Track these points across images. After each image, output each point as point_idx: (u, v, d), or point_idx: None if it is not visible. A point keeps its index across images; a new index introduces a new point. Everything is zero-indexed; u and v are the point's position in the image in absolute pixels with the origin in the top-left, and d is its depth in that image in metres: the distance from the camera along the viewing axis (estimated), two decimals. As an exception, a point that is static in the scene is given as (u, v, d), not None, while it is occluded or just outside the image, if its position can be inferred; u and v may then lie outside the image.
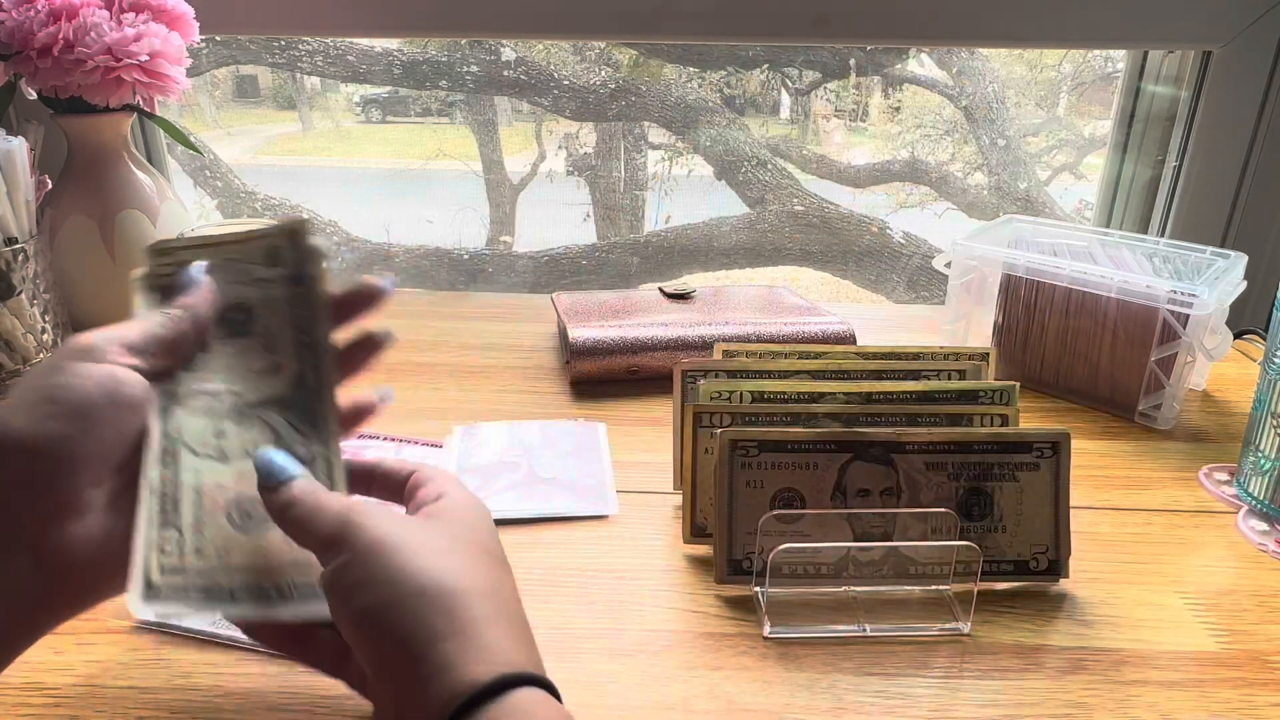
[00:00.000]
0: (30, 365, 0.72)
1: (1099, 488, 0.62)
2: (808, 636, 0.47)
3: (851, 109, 1.73)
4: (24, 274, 0.70)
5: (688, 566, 0.52)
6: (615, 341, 0.75)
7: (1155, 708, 0.43)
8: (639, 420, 0.70)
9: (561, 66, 1.54)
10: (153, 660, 0.44)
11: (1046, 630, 0.48)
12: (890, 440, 0.49)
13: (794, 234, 1.59)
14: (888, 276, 1.58)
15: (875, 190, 1.68)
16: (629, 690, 0.43)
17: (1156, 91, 1.00)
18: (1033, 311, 0.76)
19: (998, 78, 1.56)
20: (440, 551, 0.32)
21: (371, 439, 0.63)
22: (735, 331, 0.76)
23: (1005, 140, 1.56)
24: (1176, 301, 0.66)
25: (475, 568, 0.33)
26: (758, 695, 0.43)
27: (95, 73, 0.70)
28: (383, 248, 1.63)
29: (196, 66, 1.38)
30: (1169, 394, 0.69)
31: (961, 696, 0.43)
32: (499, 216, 1.72)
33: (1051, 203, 1.57)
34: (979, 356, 0.58)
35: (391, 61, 1.54)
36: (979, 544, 0.49)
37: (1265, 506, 0.58)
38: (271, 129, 1.87)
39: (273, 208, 1.63)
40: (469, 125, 1.69)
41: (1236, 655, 0.46)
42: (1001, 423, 0.52)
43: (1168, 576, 0.53)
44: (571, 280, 1.59)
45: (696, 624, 0.48)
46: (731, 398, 0.53)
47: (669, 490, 0.60)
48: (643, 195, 1.67)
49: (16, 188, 0.68)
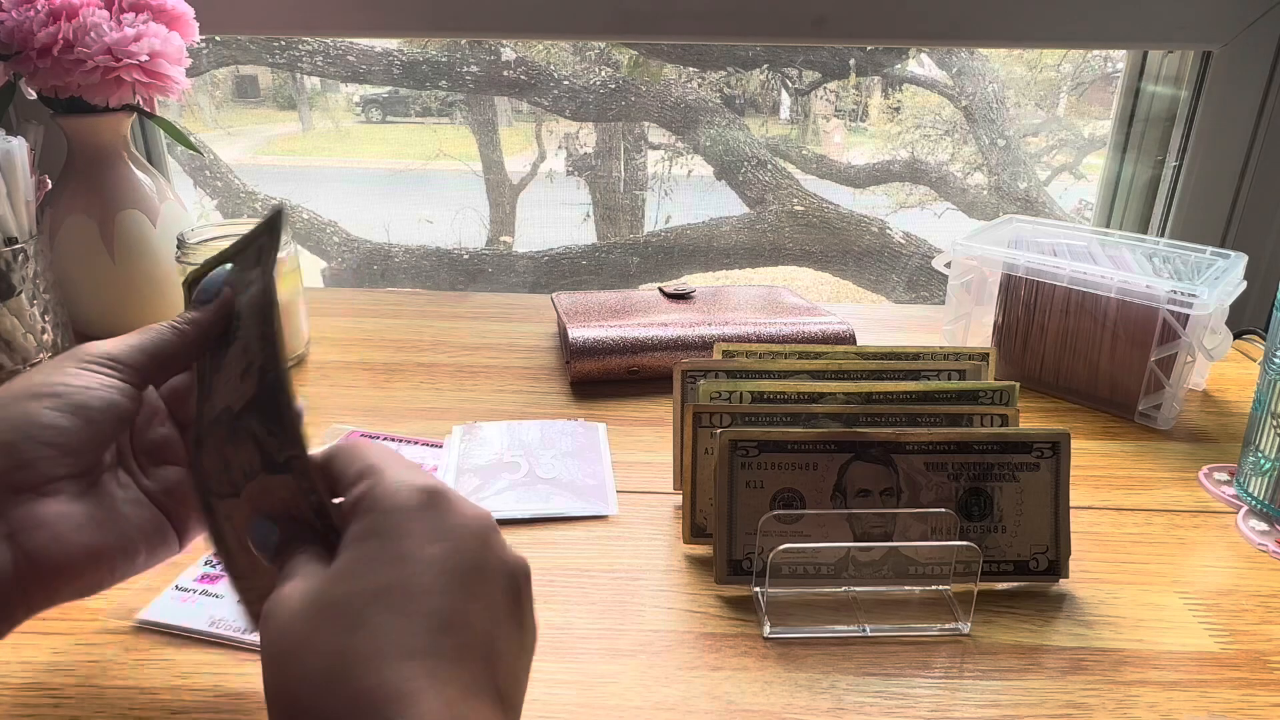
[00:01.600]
0: (30, 365, 0.72)
1: (1099, 488, 0.62)
2: (808, 636, 0.47)
3: (851, 109, 1.73)
4: (24, 274, 0.70)
5: (688, 566, 0.52)
6: (615, 341, 0.75)
7: (1155, 708, 0.43)
8: (639, 420, 0.70)
9: (561, 66, 1.54)
10: (153, 660, 0.44)
11: (1046, 630, 0.48)
12: (890, 440, 0.49)
13: (794, 234, 1.59)
14: (888, 276, 1.58)
15: (875, 190, 1.69)
16: (629, 690, 0.43)
17: (1156, 91, 1.00)
18: (1033, 311, 0.76)
19: (998, 78, 1.56)
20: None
21: (371, 439, 0.63)
22: (735, 331, 0.76)
23: (1005, 140, 1.56)
24: (1176, 301, 0.66)
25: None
26: (758, 695, 0.43)
27: (95, 73, 0.70)
28: (383, 247, 1.63)
29: (196, 66, 1.38)
30: (1169, 394, 0.69)
31: (961, 696, 0.43)
32: (499, 216, 1.72)
33: (1051, 203, 1.57)
34: (979, 356, 0.58)
35: (391, 61, 1.54)
36: (979, 544, 0.49)
37: (1265, 506, 0.58)
38: (271, 129, 1.87)
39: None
40: (469, 125, 1.69)
41: (1236, 655, 0.46)
42: (1001, 423, 0.52)
43: (1168, 576, 0.53)
44: (571, 280, 1.59)
45: (696, 624, 0.48)
46: (731, 398, 0.53)
47: (669, 490, 0.60)
48: (643, 195, 1.67)
49: (16, 188, 0.68)
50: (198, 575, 0.50)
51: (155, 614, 0.46)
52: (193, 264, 0.71)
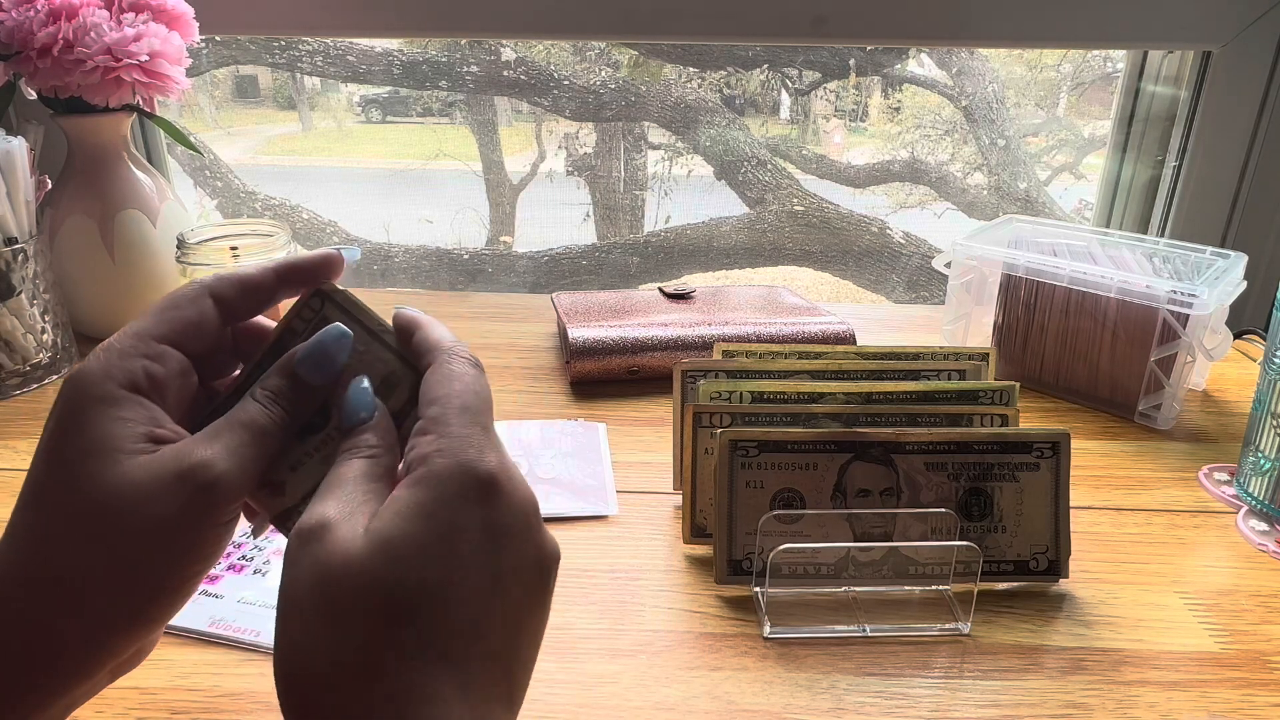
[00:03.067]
0: (30, 365, 0.72)
1: (1099, 488, 0.62)
2: (808, 636, 0.47)
3: (851, 109, 1.73)
4: (24, 274, 0.70)
5: (688, 566, 0.52)
6: (615, 341, 0.75)
7: (1155, 708, 0.43)
8: (639, 420, 0.70)
9: (561, 66, 1.54)
10: (153, 660, 0.44)
11: (1046, 630, 0.48)
12: (890, 440, 0.49)
13: (794, 234, 1.59)
14: (888, 276, 1.58)
15: (875, 190, 1.68)
16: (629, 691, 0.43)
17: (1156, 91, 1.00)
18: (1033, 311, 0.76)
19: (998, 78, 1.56)
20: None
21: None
22: (735, 331, 0.76)
23: (1005, 140, 1.56)
24: (1176, 301, 0.66)
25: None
26: (758, 695, 0.43)
27: (95, 73, 0.70)
28: (383, 247, 1.63)
29: (196, 66, 1.38)
30: (1169, 394, 0.69)
31: (961, 696, 0.43)
32: (499, 216, 1.72)
33: (1051, 203, 1.57)
34: (979, 356, 0.58)
35: (391, 61, 1.54)
36: (979, 544, 0.49)
37: (1265, 506, 0.58)
38: (271, 129, 1.87)
39: (273, 208, 1.63)
40: (469, 125, 1.69)
41: (1236, 655, 0.46)
42: (1001, 423, 0.52)
43: (1168, 576, 0.53)
44: (571, 280, 1.59)
45: (696, 624, 0.48)
46: (731, 398, 0.53)
47: (669, 490, 0.60)
48: (643, 195, 1.67)
49: (16, 188, 0.68)
50: (198, 575, 0.50)
51: (155, 614, 0.46)
52: (193, 263, 0.71)
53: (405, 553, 0.27)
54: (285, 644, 0.27)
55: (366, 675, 0.26)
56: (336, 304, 0.34)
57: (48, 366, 0.73)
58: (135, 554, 0.28)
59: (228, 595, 0.48)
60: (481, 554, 0.28)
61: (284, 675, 0.27)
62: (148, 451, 0.29)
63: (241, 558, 0.51)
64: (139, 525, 0.28)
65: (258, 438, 0.31)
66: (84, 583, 0.28)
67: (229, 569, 0.50)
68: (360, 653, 0.26)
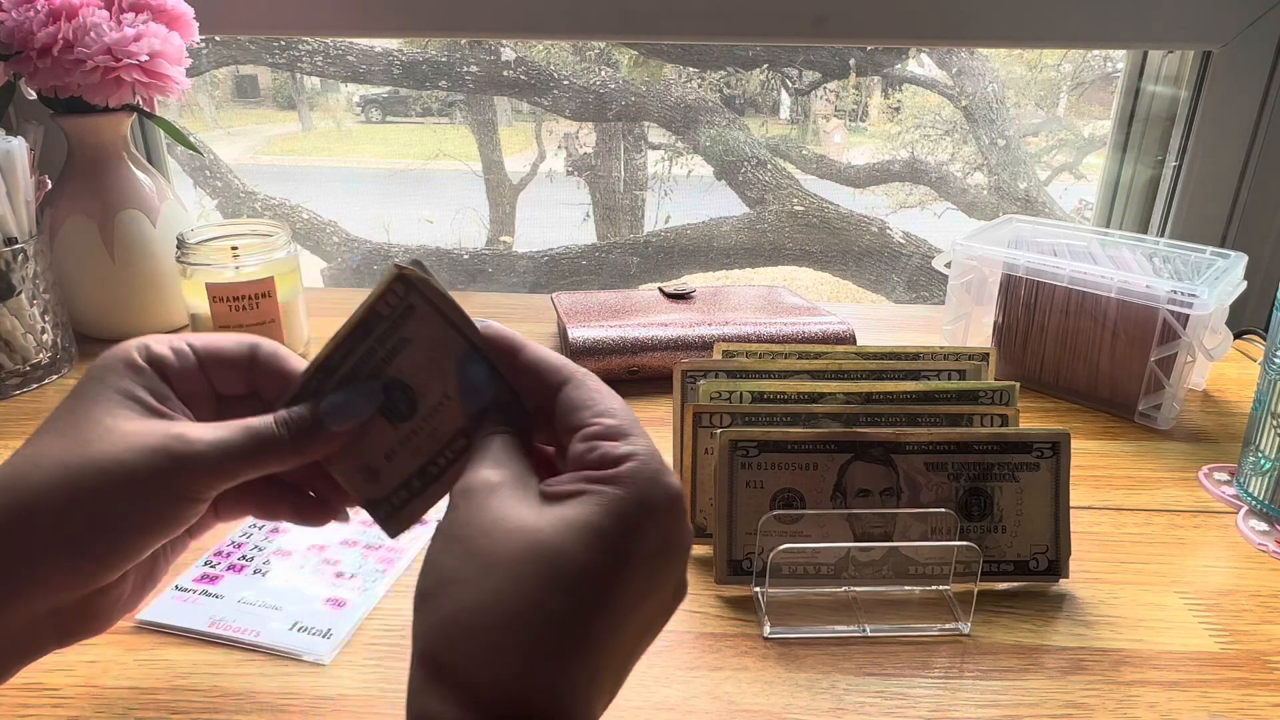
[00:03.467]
0: (30, 365, 0.72)
1: (1099, 488, 0.62)
2: (808, 637, 0.47)
3: (851, 109, 1.73)
4: (24, 274, 0.70)
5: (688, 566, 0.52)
6: (615, 341, 0.75)
7: (1155, 708, 0.43)
8: (639, 420, 0.70)
9: (561, 66, 1.54)
10: (153, 660, 0.44)
11: (1046, 630, 0.48)
12: (890, 440, 0.49)
13: (794, 234, 1.59)
14: (888, 276, 1.59)
15: (875, 190, 1.69)
16: (629, 690, 0.43)
17: (1156, 91, 1.00)
18: (1033, 311, 0.76)
19: (998, 78, 1.56)
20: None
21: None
22: (735, 331, 0.76)
23: (1005, 140, 1.56)
24: (1176, 301, 0.66)
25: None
26: (758, 696, 0.43)
27: (95, 73, 0.70)
28: (383, 247, 1.63)
29: (196, 66, 1.38)
30: (1169, 394, 0.69)
31: (961, 696, 0.43)
32: (499, 216, 1.72)
33: (1051, 203, 1.57)
34: (979, 356, 0.58)
35: (391, 61, 1.54)
36: (979, 544, 0.49)
37: (1265, 506, 0.58)
38: (271, 129, 1.88)
39: (273, 208, 1.63)
40: (469, 125, 1.69)
41: (1236, 655, 0.46)
42: (1001, 423, 0.52)
43: (1168, 576, 0.53)
44: (571, 280, 1.59)
45: (696, 624, 0.48)
46: (731, 398, 0.53)
47: (669, 490, 0.60)
48: (642, 195, 1.67)
49: (16, 188, 0.68)
50: (198, 575, 0.50)
51: (155, 614, 0.46)
52: (193, 263, 0.71)
53: (585, 536, 0.28)
54: (436, 571, 0.28)
55: (531, 678, 0.27)
56: (421, 293, 0.34)
57: (48, 366, 0.73)
58: (92, 485, 0.30)
59: (228, 595, 0.48)
60: (646, 565, 0.29)
61: (426, 595, 0.28)
62: (144, 415, 0.32)
63: (241, 558, 0.51)
64: (107, 466, 0.30)
65: (253, 446, 0.33)
66: (37, 496, 0.30)
67: (229, 569, 0.50)
68: (510, 600, 0.27)
